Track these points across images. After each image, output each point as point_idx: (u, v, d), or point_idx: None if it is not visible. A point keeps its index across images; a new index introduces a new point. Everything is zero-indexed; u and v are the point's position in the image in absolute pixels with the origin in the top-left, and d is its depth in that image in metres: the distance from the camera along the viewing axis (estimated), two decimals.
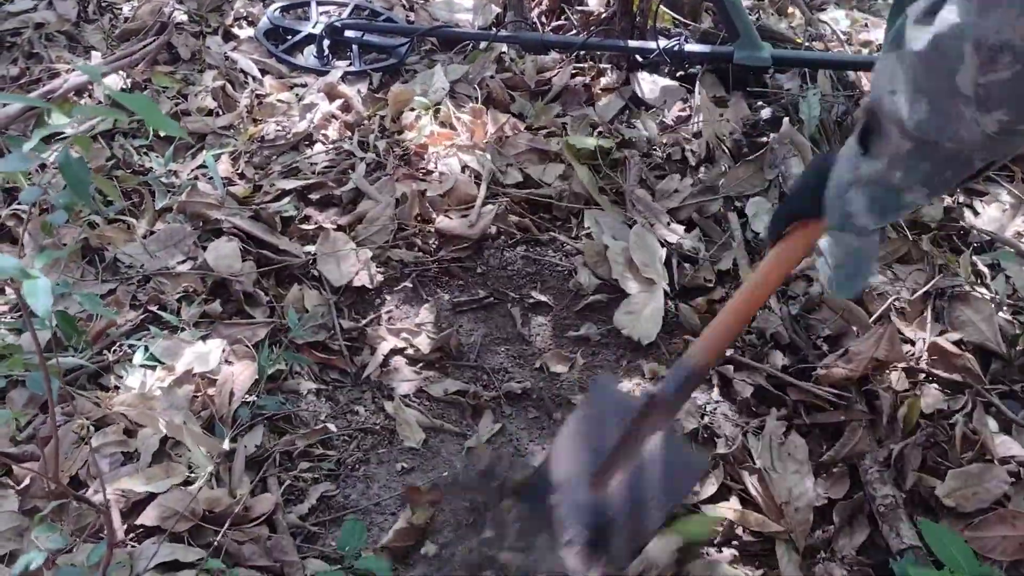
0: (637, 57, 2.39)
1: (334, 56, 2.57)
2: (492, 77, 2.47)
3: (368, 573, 1.40)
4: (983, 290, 1.90)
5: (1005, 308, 1.86)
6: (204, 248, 1.96)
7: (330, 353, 1.86)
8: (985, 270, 1.97)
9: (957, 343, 1.79)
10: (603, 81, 2.45)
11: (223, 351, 1.74)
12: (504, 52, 2.58)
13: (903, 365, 1.74)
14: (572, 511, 1.43)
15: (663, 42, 2.30)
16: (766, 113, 2.23)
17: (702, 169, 2.20)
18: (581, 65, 2.53)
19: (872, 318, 1.84)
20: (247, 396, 1.68)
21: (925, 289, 1.88)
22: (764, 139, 2.20)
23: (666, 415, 1.37)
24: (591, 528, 1.41)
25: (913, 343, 1.81)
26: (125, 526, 1.46)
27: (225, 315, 1.87)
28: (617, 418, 1.40)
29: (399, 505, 1.61)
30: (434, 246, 2.06)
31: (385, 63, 2.52)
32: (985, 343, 1.78)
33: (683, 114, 2.31)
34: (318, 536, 1.54)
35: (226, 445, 1.57)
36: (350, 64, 2.53)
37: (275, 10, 2.67)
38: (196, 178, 2.14)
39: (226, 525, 1.46)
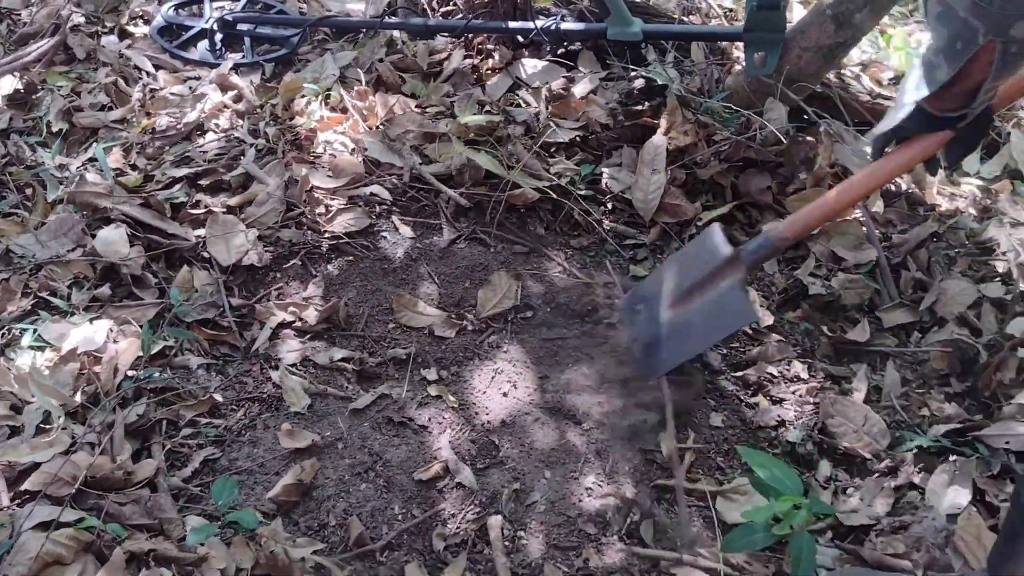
0: (519, 38, 2.48)
1: (227, 49, 2.63)
2: (381, 61, 2.54)
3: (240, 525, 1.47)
4: None
5: None
6: (93, 236, 2.01)
7: (220, 330, 1.92)
8: None
9: None
10: (491, 62, 2.54)
11: (110, 331, 1.80)
12: (396, 37, 2.65)
13: None
14: (646, 320, 1.79)
15: (541, 22, 2.39)
16: (639, 83, 2.33)
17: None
18: (472, 48, 2.62)
19: None
20: (132, 371, 1.74)
21: None
22: (639, 107, 2.31)
23: (740, 270, 1.66)
24: (652, 337, 1.75)
25: None
26: (12, 493, 1.51)
27: (115, 298, 1.93)
28: (706, 261, 1.70)
29: (283, 466, 1.68)
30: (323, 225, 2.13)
31: (277, 54, 2.59)
32: None
33: (565, 90, 2.41)
34: (201, 497, 1.60)
35: (100, 416, 1.63)
36: (243, 56, 2.59)
37: (169, 8, 2.72)
38: (86, 170, 2.19)
39: (107, 490, 1.52)
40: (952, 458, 1.75)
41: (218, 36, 2.62)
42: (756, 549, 1.50)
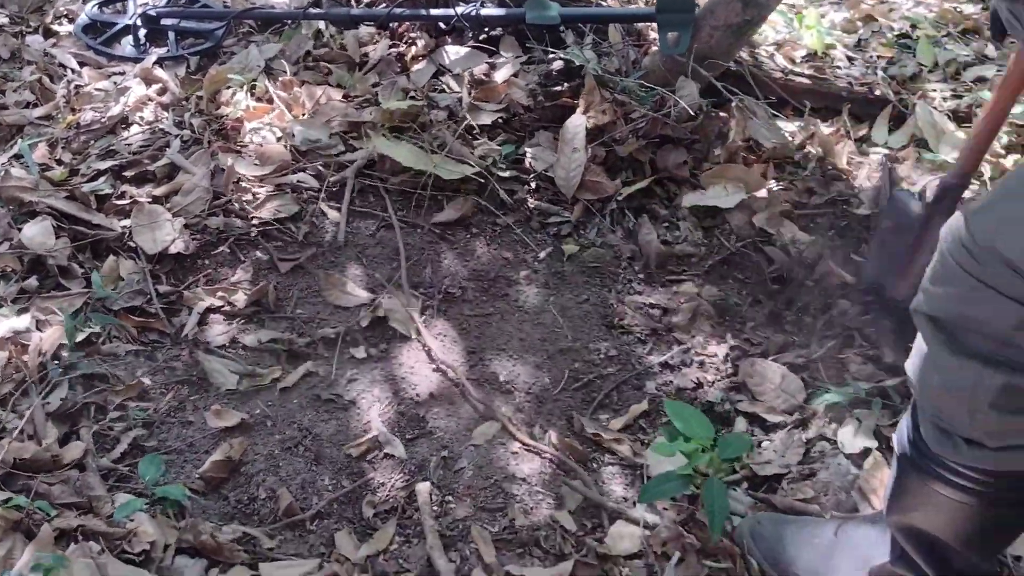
0: (441, 24, 2.54)
1: (152, 44, 2.64)
2: (308, 54, 2.58)
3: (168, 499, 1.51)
4: None
5: None
6: (19, 229, 2.02)
7: (148, 317, 1.94)
8: None
9: None
10: (414, 50, 2.59)
11: (35, 320, 1.81)
12: (322, 29, 2.69)
13: None
14: (886, 304, 1.86)
15: (461, 8, 2.45)
16: (557, 65, 2.40)
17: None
18: (397, 37, 2.66)
19: None
20: (58, 359, 1.77)
21: None
22: (558, 88, 2.38)
23: (940, 220, 1.53)
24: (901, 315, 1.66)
25: None
26: None
27: (43, 290, 1.95)
28: (908, 228, 1.78)
29: (213, 444, 1.71)
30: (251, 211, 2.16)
31: (202, 47, 2.61)
32: None
33: (487, 75, 2.47)
34: (131, 477, 1.63)
35: (27, 403, 1.65)
36: (167, 51, 2.61)
37: (93, 6, 2.73)
38: (11, 165, 2.20)
39: (37, 472, 1.54)
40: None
41: (142, 32, 2.64)
42: (670, 496, 1.57)
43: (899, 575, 1.43)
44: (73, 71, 2.57)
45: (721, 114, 2.36)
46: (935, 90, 2.72)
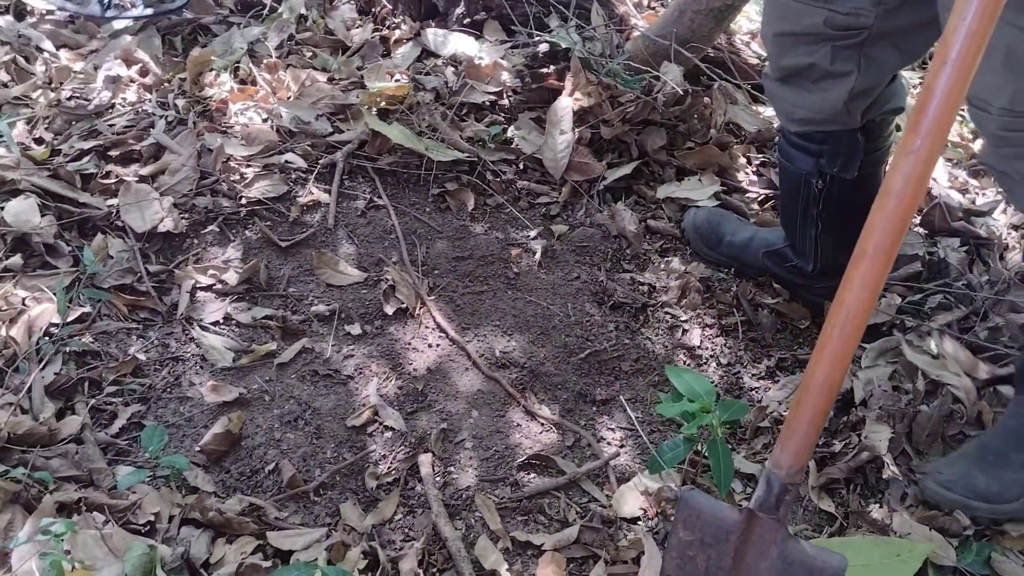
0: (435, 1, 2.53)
1: (117, 8, 2.59)
2: (291, 36, 2.57)
3: (171, 468, 1.49)
4: None
5: None
6: (2, 208, 1.97)
7: (138, 295, 1.91)
8: None
9: None
10: (398, 33, 2.59)
11: (23, 299, 1.78)
12: (305, 13, 2.68)
13: None
14: None
15: None
16: (543, 47, 2.42)
17: None
18: (379, 21, 2.66)
19: None
20: (49, 334, 1.73)
21: None
22: (544, 70, 2.39)
23: (776, 527, 1.19)
24: None
25: None
26: None
27: (29, 268, 1.90)
28: (721, 542, 1.22)
29: (211, 419, 1.69)
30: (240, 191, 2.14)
31: (171, 6, 2.55)
32: None
33: (472, 58, 2.47)
34: (130, 451, 1.61)
35: (19, 378, 1.62)
36: (133, 6, 2.55)
37: None
38: None
39: (33, 446, 1.51)
40: None
41: None
42: (679, 462, 1.58)
43: None
44: (49, 53, 2.51)
45: (705, 98, 2.40)
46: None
